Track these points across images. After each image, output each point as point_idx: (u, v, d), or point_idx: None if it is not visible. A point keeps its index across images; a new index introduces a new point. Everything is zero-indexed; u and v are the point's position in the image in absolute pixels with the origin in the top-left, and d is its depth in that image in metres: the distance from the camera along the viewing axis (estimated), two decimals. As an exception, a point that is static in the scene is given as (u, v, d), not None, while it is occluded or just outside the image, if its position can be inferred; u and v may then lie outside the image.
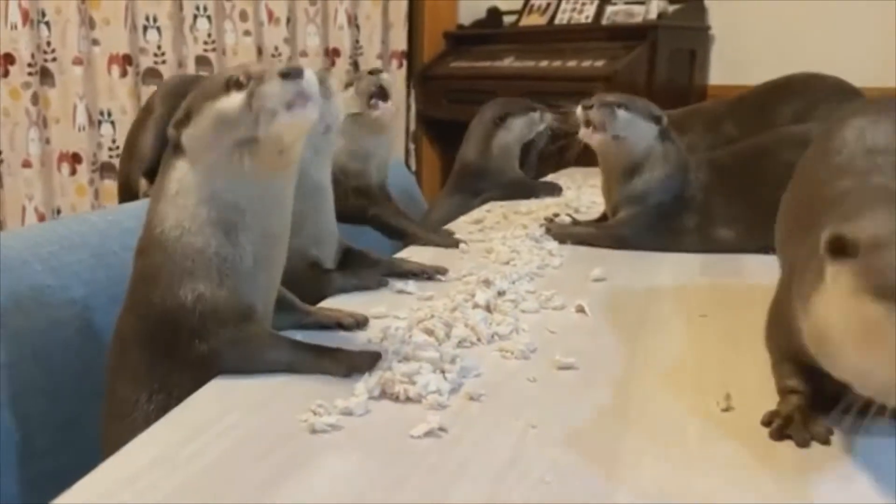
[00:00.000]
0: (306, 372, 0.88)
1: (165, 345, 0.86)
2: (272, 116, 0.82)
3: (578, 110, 1.47)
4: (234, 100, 0.84)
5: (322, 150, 1.16)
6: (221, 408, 0.79)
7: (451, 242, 1.49)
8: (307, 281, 1.11)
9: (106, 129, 3.16)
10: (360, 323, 1.02)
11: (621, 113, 1.45)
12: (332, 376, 0.86)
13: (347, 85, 1.48)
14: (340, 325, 1.01)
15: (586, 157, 1.59)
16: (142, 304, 0.88)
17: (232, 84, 0.85)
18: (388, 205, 1.55)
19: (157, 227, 0.87)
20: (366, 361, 0.88)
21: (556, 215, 1.69)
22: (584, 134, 1.47)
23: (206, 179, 0.86)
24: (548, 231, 1.53)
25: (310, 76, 0.84)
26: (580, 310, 1.11)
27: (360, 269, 1.22)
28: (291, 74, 0.83)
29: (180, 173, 0.87)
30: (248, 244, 0.87)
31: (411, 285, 1.20)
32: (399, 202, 1.60)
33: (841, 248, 0.65)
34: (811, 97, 1.94)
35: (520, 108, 2.03)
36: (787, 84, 2.01)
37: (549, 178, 2.32)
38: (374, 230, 1.54)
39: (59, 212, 3.11)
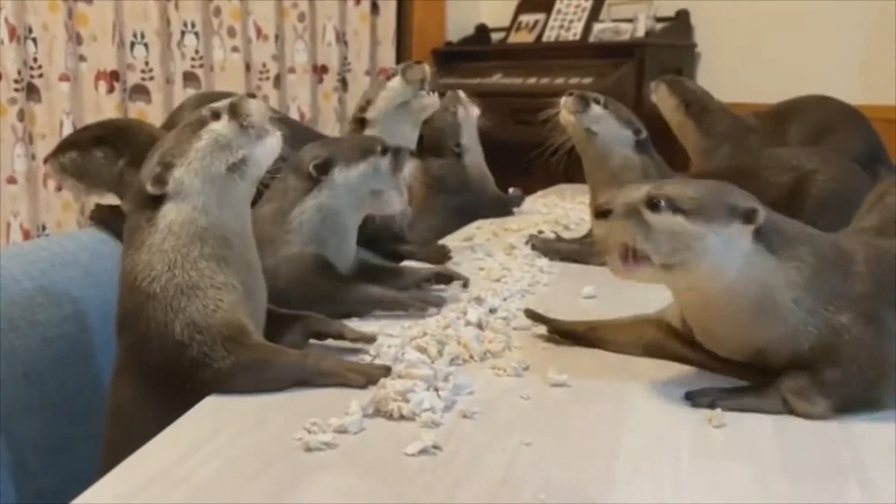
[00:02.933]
0: (321, 384, 0.88)
1: (173, 390, 0.86)
2: (262, 133, 0.92)
3: (563, 99, 1.49)
4: (225, 124, 0.92)
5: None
6: (216, 426, 0.78)
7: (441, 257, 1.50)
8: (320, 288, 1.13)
9: (93, 145, 3.14)
10: (367, 339, 1.00)
11: (595, 107, 1.47)
12: (351, 387, 0.88)
13: (391, 76, 1.48)
14: (342, 338, 1.00)
15: (577, 173, 1.60)
16: (142, 364, 0.88)
17: (209, 118, 0.92)
18: None
19: (146, 277, 0.88)
20: (375, 371, 0.90)
21: (542, 231, 1.70)
22: (563, 115, 1.48)
23: (198, 215, 0.90)
24: (533, 247, 1.54)
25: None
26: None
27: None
28: (256, 96, 0.88)
29: (171, 216, 0.89)
30: (236, 273, 0.91)
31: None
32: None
33: None
34: (818, 119, 1.99)
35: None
36: (798, 105, 2.06)
37: (539, 193, 2.33)
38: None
39: (44, 228, 3.08)
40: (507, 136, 2.78)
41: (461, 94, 2.02)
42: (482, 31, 3.92)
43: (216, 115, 0.92)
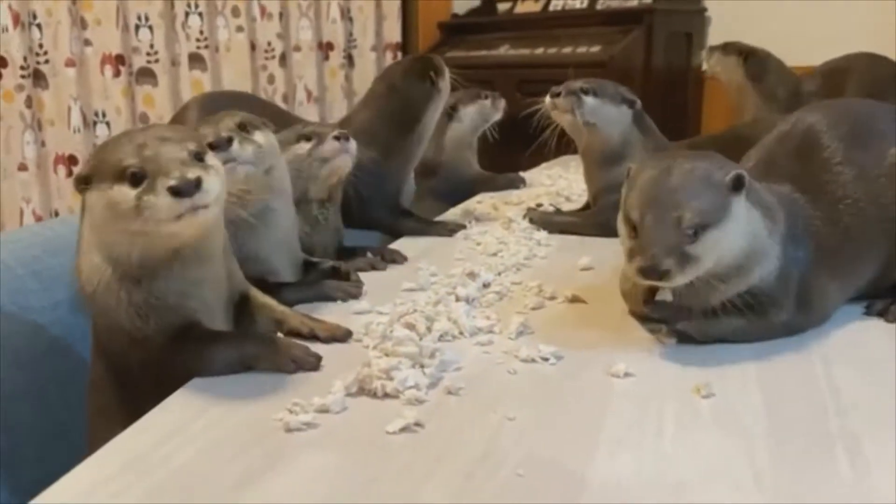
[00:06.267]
0: (259, 367, 0.87)
1: (125, 380, 0.86)
2: (157, 223, 0.79)
3: (547, 99, 1.46)
4: (125, 195, 0.80)
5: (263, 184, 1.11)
6: (197, 409, 0.78)
7: (444, 231, 1.53)
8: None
9: (101, 129, 3.15)
10: (338, 338, 0.97)
11: (588, 99, 1.44)
12: (282, 372, 0.86)
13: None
14: (315, 336, 0.96)
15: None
16: (97, 349, 0.90)
17: (128, 176, 0.80)
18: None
19: (78, 280, 0.87)
20: (310, 358, 0.88)
21: (540, 205, 1.68)
22: (556, 115, 1.46)
23: (105, 246, 0.84)
24: (531, 221, 1.53)
25: (209, 185, 0.80)
26: (567, 300, 1.10)
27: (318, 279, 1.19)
28: (182, 192, 0.78)
29: (85, 232, 0.86)
30: (165, 289, 0.85)
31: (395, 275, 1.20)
32: None
33: None
34: (871, 78, 1.94)
35: (469, 96, 1.99)
36: (848, 65, 2.01)
37: (543, 166, 2.31)
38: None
39: (56, 214, 3.11)
40: (514, 107, 2.75)
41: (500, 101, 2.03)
42: (488, 2, 3.87)
43: (135, 180, 0.80)
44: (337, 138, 1.26)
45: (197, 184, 0.79)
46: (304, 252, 1.21)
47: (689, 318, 0.94)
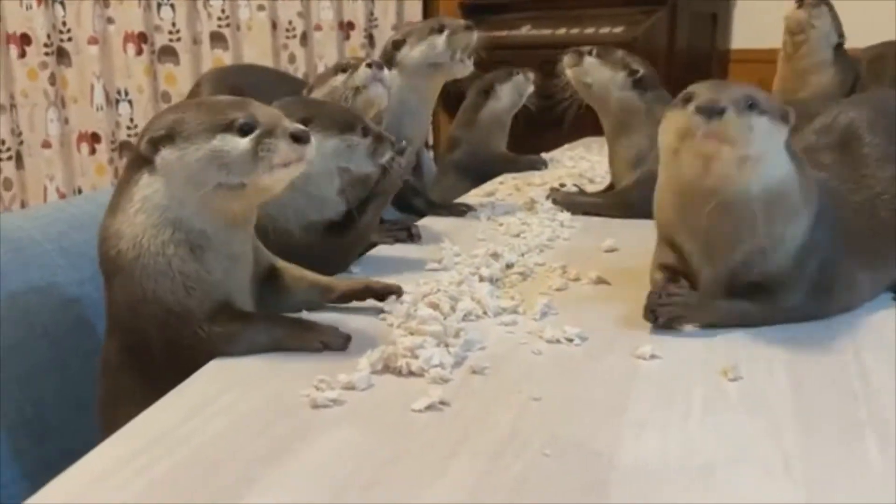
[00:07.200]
0: (287, 348, 0.87)
1: (150, 363, 0.85)
2: (271, 169, 0.83)
3: (565, 59, 1.50)
4: (239, 144, 0.83)
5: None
6: (222, 386, 0.79)
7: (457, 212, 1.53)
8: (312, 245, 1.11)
9: (123, 107, 3.17)
10: (395, 291, 0.98)
11: (588, 58, 1.48)
12: (310, 351, 0.87)
13: (433, 31, 1.48)
14: (370, 290, 0.98)
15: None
16: (118, 330, 0.88)
17: (237, 127, 0.83)
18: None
19: (112, 247, 0.85)
20: (338, 339, 0.88)
21: (563, 185, 1.68)
22: (567, 74, 1.51)
23: (175, 205, 0.84)
24: (554, 202, 1.52)
25: (313, 143, 0.87)
26: (591, 281, 1.10)
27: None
28: (301, 139, 0.84)
29: (148, 191, 0.84)
30: (214, 262, 0.86)
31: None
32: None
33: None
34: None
35: (503, 74, 2.01)
36: (883, 51, 1.99)
37: (565, 147, 2.30)
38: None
39: (80, 191, 3.14)
40: (536, 88, 2.74)
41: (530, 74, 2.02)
42: (511, -19, 3.84)
43: (244, 130, 0.83)
44: (369, 66, 1.27)
45: (309, 137, 0.86)
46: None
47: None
